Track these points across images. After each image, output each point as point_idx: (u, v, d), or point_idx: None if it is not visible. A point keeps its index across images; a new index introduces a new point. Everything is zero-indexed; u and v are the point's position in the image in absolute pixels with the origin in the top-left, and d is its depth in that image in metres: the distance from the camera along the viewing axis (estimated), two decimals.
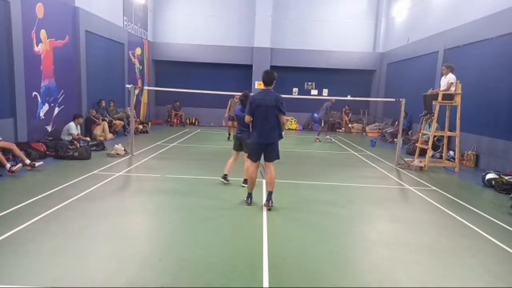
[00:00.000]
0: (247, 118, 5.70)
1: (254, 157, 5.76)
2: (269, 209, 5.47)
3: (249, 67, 18.25)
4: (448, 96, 9.04)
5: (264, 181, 7.18)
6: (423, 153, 10.09)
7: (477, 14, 10.44)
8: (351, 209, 5.86)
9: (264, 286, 3.37)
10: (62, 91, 10.58)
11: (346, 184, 7.52)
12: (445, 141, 10.02)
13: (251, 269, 3.67)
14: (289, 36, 18.67)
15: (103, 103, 12.72)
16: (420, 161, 9.43)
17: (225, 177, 7.07)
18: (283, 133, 5.83)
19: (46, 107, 9.87)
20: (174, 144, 11.95)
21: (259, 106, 5.47)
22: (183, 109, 18.34)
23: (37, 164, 7.42)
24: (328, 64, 18.51)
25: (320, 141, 13.84)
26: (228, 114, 13.11)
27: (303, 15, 18.63)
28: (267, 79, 5.57)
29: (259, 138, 5.57)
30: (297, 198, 6.42)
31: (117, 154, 9.28)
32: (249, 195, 5.81)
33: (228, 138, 13.43)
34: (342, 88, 18.49)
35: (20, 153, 7.27)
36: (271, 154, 5.67)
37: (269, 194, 5.64)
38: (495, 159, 9.24)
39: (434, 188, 7.42)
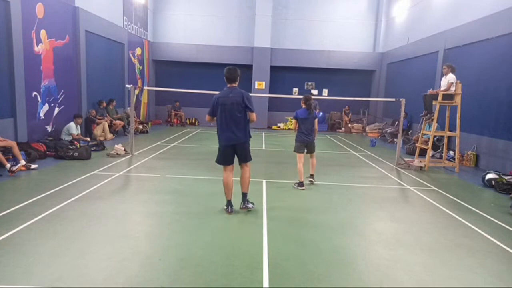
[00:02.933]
0: (207, 118, 5.37)
1: (224, 161, 5.35)
2: (248, 210, 5.34)
3: (249, 67, 18.25)
4: (448, 96, 9.04)
5: (264, 181, 7.21)
6: (423, 153, 10.10)
7: (477, 14, 10.44)
8: (351, 209, 5.86)
9: (264, 286, 3.37)
10: (62, 91, 10.59)
11: (346, 184, 7.51)
12: (445, 141, 10.03)
13: (251, 269, 3.67)
14: (289, 36, 18.68)
15: (104, 103, 12.72)
16: (420, 161, 9.43)
17: (301, 183, 6.98)
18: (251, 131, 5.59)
19: (46, 107, 9.88)
20: (174, 144, 11.95)
21: (223, 104, 5.14)
22: (183, 109, 18.34)
23: (32, 166, 7.43)
24: (328, 64, 18.51)
25: None
26: None
27: (303, 15, 18.63)
28: (231, 76, 5.22)
29: (227, 140, 5.21)
30: (297, 198, 6.41)
31: (117, 154, 9.28)
32: (228, 203, 5.34)
33: None
34: (342, 88, 18.52)
35: (18, 153, 7.27)
36: (243, 155, 5.31)
37: (244, 195, 5.41)
38: (495, 159, 9.24)
39: (434, 188, 7.42)
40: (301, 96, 7.28)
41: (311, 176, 7.35)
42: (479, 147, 9.94)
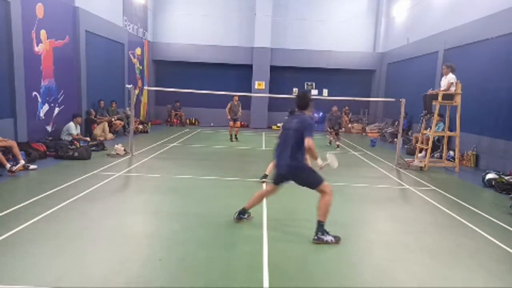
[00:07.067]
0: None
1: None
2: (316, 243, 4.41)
3: (249, 67, 18.26)
4: (448, 96, 9.04)
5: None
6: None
7: (477, 14, 10.44)
8: (351, 209, 5.86)
9: (264, 286, 3.37)
10: (62, 91, 10.59)
11: (346, 184, 7.51)
12: (445, 141, 10.03)
13: (251, 269, 3.67)
14: (289, 36, 18.68)
15: (103, 103, 12.72)
16: (420, 161, 9.43)
17: None
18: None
19: (46, 107, 9.87)
20: (174, 144, 11.95)
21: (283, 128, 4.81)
22: (183, 109, 18.34)
23: (31, 166, 7.42)
24: (328, 64, 18.52)
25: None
26: (230, 116, 13.26)
27: (303, 15, 18.63)
28: (300, 103, 4.77)
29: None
30: (297, 198, 6.41)
31: (117, 154, 9.28)
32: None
33: (231, 139, 13.41)
34: (342, 88, 18.51)
35: (18, 153, 7.26)
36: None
37: (317, 223, 4.50)
38: (495, 159, 9.24)
39: (434, 188, 7.42)
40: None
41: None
42: (479, 147, 9.94)
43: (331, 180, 7.65)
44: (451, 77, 8.97)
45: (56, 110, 10.37)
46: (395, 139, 12.50)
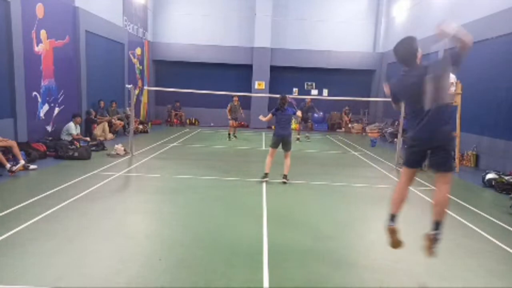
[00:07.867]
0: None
1: (409, 163, 3.94)
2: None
3: (249, 67, 18.26)
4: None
5: (264, 181, 7.21)
6: None
7: (477, 14, 10.44)
8: (351, 209, 5.86)
9: (264, 286, 3.37)
10: (62, 91, 10.59)
11: (346, 184, 7.51)
12: None
13: (251, 269, 3.67)
14: (289, 36, 18.68)
15: (103, 103, 12.72)
16: None
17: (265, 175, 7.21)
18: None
19: (46, 107, 9.87)
20: (174, 144, 11.95)
21: (400, 93, 3.65)
22: (183, 109, 18.35)
23: (31, 166, 7.43)
24: (328, 64, 18.52)
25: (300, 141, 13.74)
26: (230, 116, 13.40)
27: (303, 15, 18.64)
28: (403, 55, 3.62)
29: (413, 140, 3.67)
30: (297, 198, 6.41)
31: (117, 154, 9.28)
32: (392, 217, 3.92)
33: (229, 138, 13.48)
34: (342, 88, 18.50)
35: (18, 152, 7.26)
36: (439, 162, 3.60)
37: (435, 223, 3.67)
38: (495, 159, 9.24)
39: (434, 188, 7.39)
40: (301, 97, 7.38)
41: (284, 176, 7.26)
42: (479, 147, 9.94)
43: (330, 180, 7.71)
44: (451, 77, 8.96)
45: (56, 110, 10.37)
46: (395, 139, 12.50)
